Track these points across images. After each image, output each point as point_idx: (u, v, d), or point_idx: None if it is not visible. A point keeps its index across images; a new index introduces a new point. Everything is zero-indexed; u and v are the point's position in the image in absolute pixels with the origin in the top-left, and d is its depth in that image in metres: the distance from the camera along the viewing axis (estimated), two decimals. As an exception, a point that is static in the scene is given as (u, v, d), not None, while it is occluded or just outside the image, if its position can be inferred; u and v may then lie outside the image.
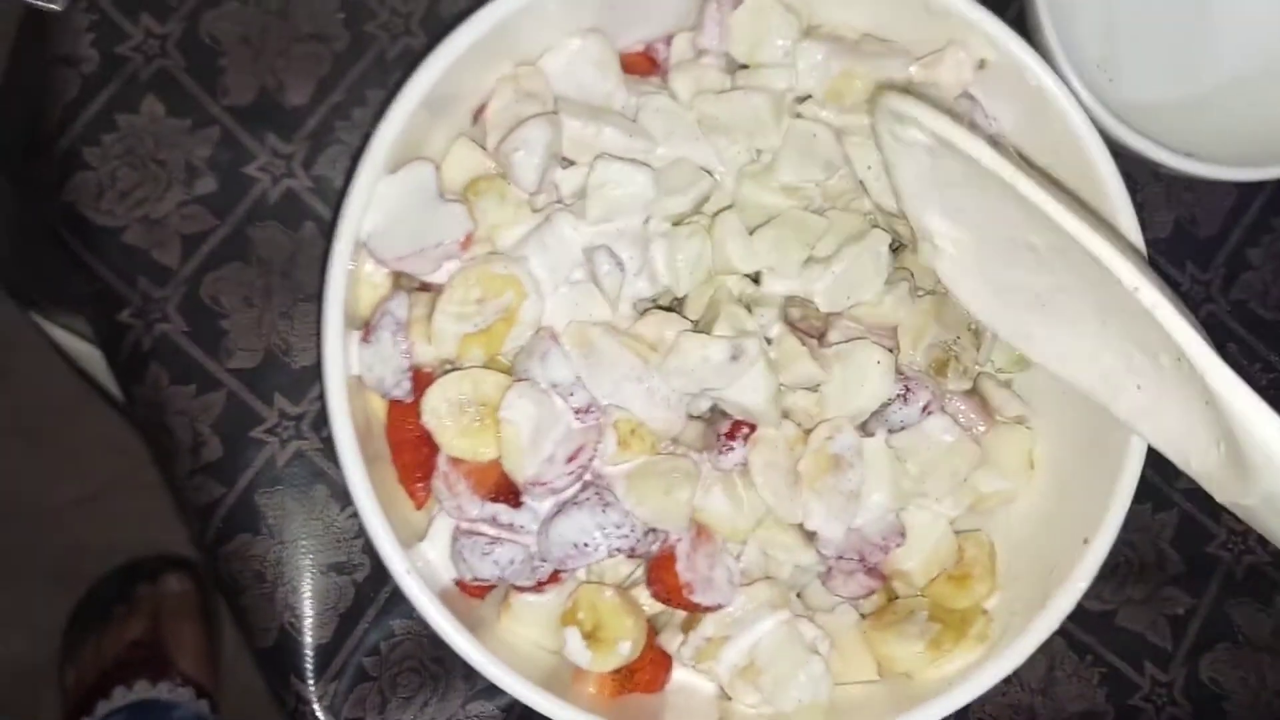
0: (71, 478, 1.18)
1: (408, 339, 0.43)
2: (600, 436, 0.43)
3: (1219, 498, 0.39)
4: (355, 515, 0.51)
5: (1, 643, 1.15)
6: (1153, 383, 0.40)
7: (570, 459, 0.42)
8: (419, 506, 0.45)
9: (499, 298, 0.43)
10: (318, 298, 0.53)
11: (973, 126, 0.47)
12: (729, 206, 0.45)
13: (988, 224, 0.42)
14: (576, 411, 0.42)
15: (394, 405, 0.45)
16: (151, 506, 1.17)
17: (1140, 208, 0.58)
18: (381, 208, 0.43)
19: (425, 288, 0.45)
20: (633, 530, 0.42)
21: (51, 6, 0.50)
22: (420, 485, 0.44)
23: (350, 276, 0.43)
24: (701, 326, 0.44)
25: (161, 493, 1.14)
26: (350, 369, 0.43)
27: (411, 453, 0.44)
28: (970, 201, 0.41)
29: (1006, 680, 0.46)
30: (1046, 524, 0.47)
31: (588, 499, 0.42)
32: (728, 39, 0.46)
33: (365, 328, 0.44)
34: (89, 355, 0.80)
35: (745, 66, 0.47)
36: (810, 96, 0.46)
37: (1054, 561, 0.45)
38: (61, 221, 0.52)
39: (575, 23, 0.46)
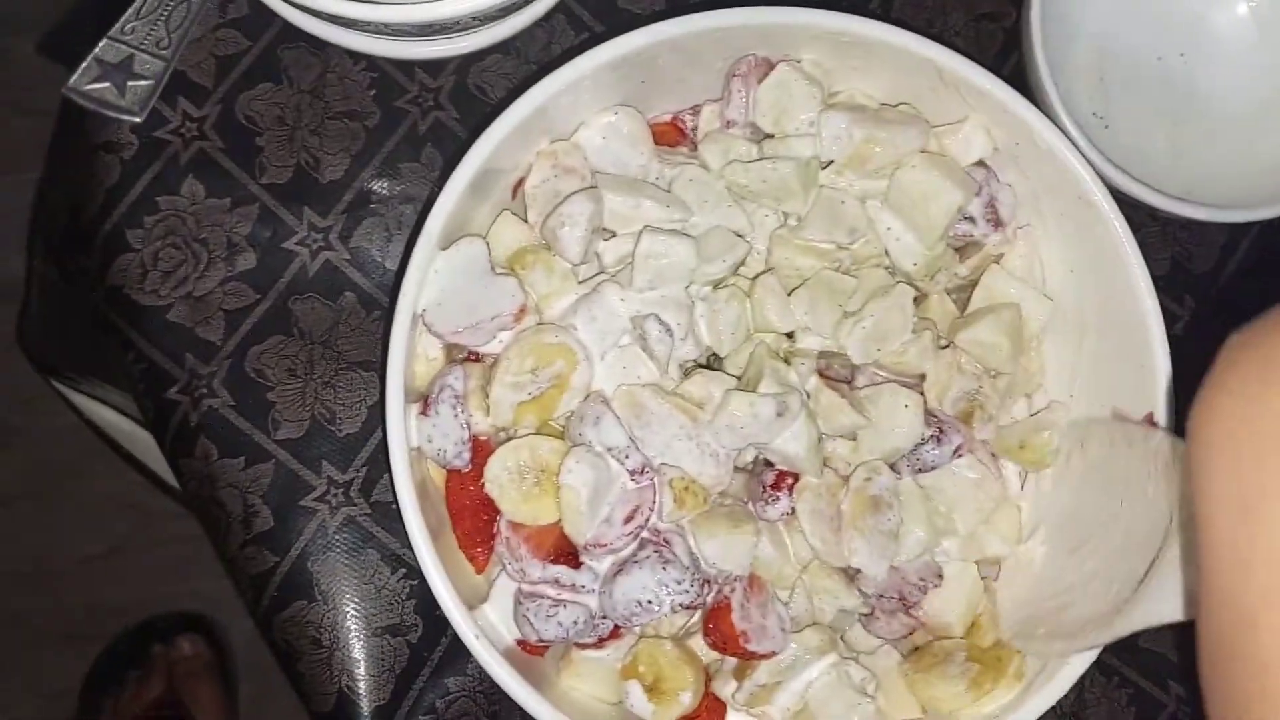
0: (83, 537, 1.18)
1: (466, 410, 0.45)
2: (656, 496, 0.45)
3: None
4: (406, 578, 0.53)
5: (14, 706, 1.15)
6: None
7: (627, 519, 0.44)
8: (479, 571, 0.46)
9: (551, 366, 0.45)
10: (360, 366, 0.55)
11: (988, 196, 0.50)
12: (766, 270, 0.48)
13: None
14: (631, 473, 0.44)
15: (452, 475, 0.46)
16: (162, 563, 1.18)
17: (1140, 246, 0.61)
18: (437, 284, 0.45)
19: (475, 358, 0.47)
20: (693, 585, 0.44)
21: (133, 119, 0.52)
22: (480, 550, 0.46)
23: (407, 352, 0.45)
24: (744, 383, 0.46)
25: (173, 547, 1.15)
26: (410, 442, 0.45)
27: (471, 519, 0.46)
28: None
29: (1040, 707, 0.48)
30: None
31: (648, 557, 0.44)
32: (754, 111, 0.49)
33: (424, 402, 0.45)
34: (109, 419, 0.81)
35: (771, 136, 0.49)
36: (833, 162, 0.49)
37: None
38: (107, 304, 0.54)
39: (607, 98, 0.49)
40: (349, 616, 0.53)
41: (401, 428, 0.44)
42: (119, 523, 1.18)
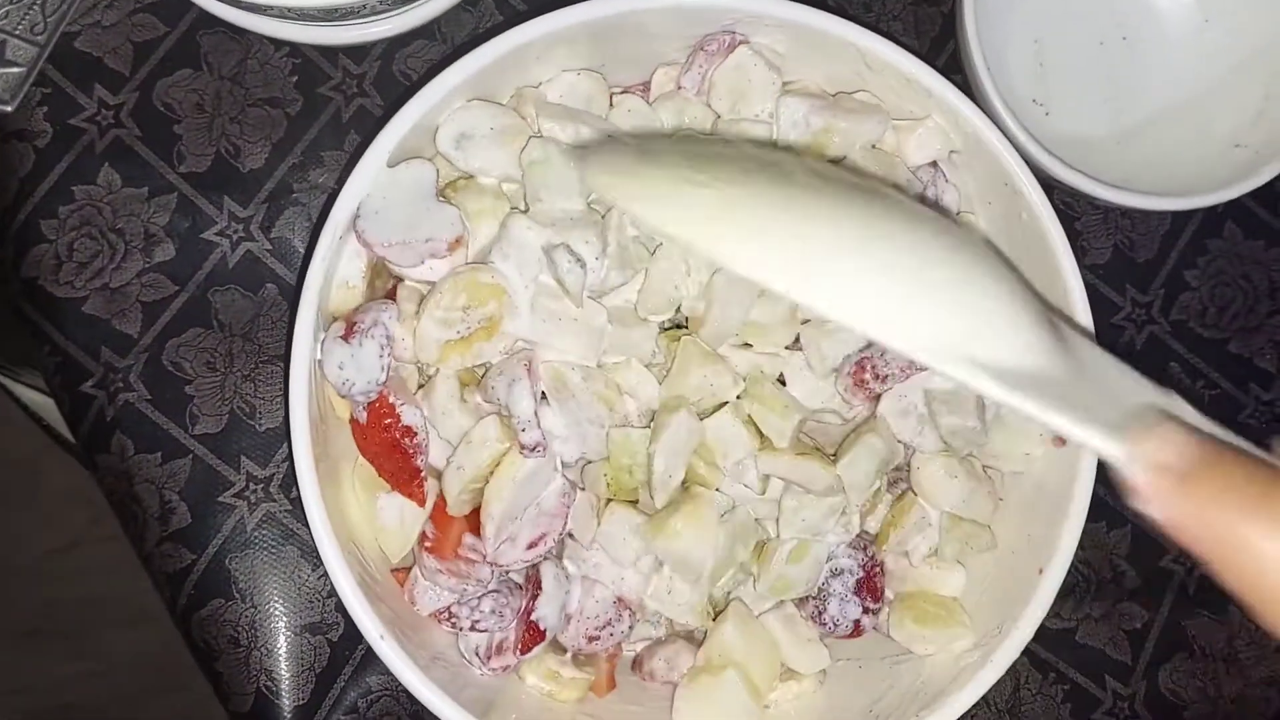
0: (39, 533, 1.17)
1: (390, 353, 0.44)
2: (565, 526, 0.44)
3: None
4: (327, 575, 0.52)
5: (-24, 701, 1.14)
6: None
7: (531, 545, 0.44)
8: (421, 504, 0.45)
9: (483, 306, 0.44)
10: (281, 359, 0.54)
11: (933, 196, 0.49)
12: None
13: None
14: (524, 447, 0.43)
15: (355, 426, 0.45)
16: (121, 556, 1.16)
17: (1079, 235, 0.60)
18: (379, 194, 0.44)
19: (393, 295, 0.46)
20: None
21: (4, 108, 0.51)
22: (415, 483, 0.45)
23: (326, 273, 0.44)
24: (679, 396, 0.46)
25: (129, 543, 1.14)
26: (313, 357, 0.44)
27: (389, 458, 0.45)
28: None
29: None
30: (1003, 556, 0.48)
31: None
32: (711, 92, 0.48)
33: (349, 327, 0.44)
34: (46, 406, 0.80)
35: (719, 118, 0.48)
36: (790, 148, 0.48)
37: (1012, 592, 0.46)
38: (22, 295, 0.53)
39: (522, 81, 0.47)
40: (268, 615, 0.52)
41: (309, 359, 0.43)
42: (76, 516, 1.16)
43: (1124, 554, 0.59)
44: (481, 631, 0.46)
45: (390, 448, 0.45)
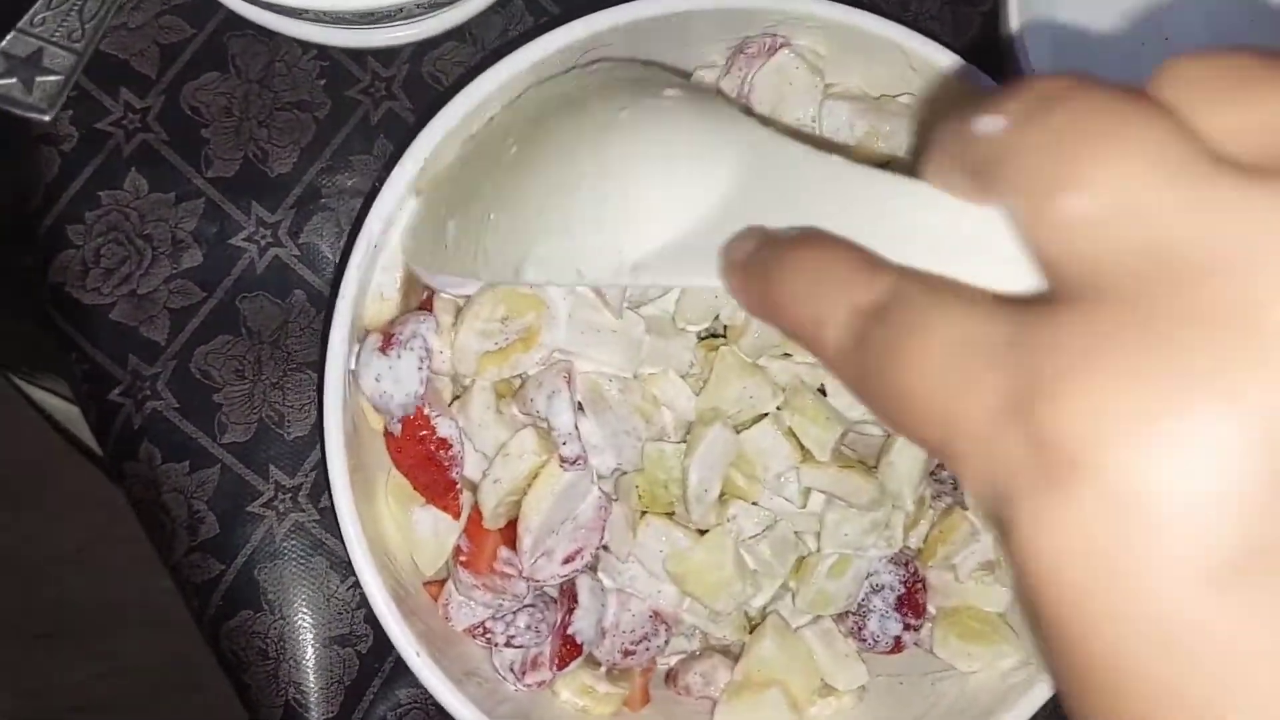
0: (53, 534, 1.17)
1: (428, 367, 0.43)
2: (602, 537, 0.44)
3: None
4: (356, 586, 0.51)
5: (-9, 702, 1.14)
6: None
7: (567, 560, 0.43)
8: (456, 517, 0.45)
9: (522, 317, 0.43)
10: (310, 367, 0.53)
11: None
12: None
13: None
14: (564, 460, 0.42)
15: (389, 440, 0.45)
16: (135, 559, 1.16)
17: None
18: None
19: (428, 305, 0.46)
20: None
21: (42, 117, 0.50)
22: (450, 496, 0.44)
23: (360, 283, 0.43)
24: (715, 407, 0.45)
25: (143, 544, 1.14)
26: (346, 369, 0.43)
27: (425, 471, 0.44)
28: None
29: None
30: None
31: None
32: (751, 95, 0.47)
33: (386, 339, 0.43)
34: (68, 413, 0.80)
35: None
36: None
37: None
38: (49, 302, 0.52)
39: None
40: (297, 627, 0.51)
41: (342, 369, 0.42)
42: (87, 520, 1.16)
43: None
44: (517, 647, 0.45)
45: (425, 460, 0.44)
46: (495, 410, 0.44)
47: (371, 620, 0.51)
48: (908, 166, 0.47)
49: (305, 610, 0.51)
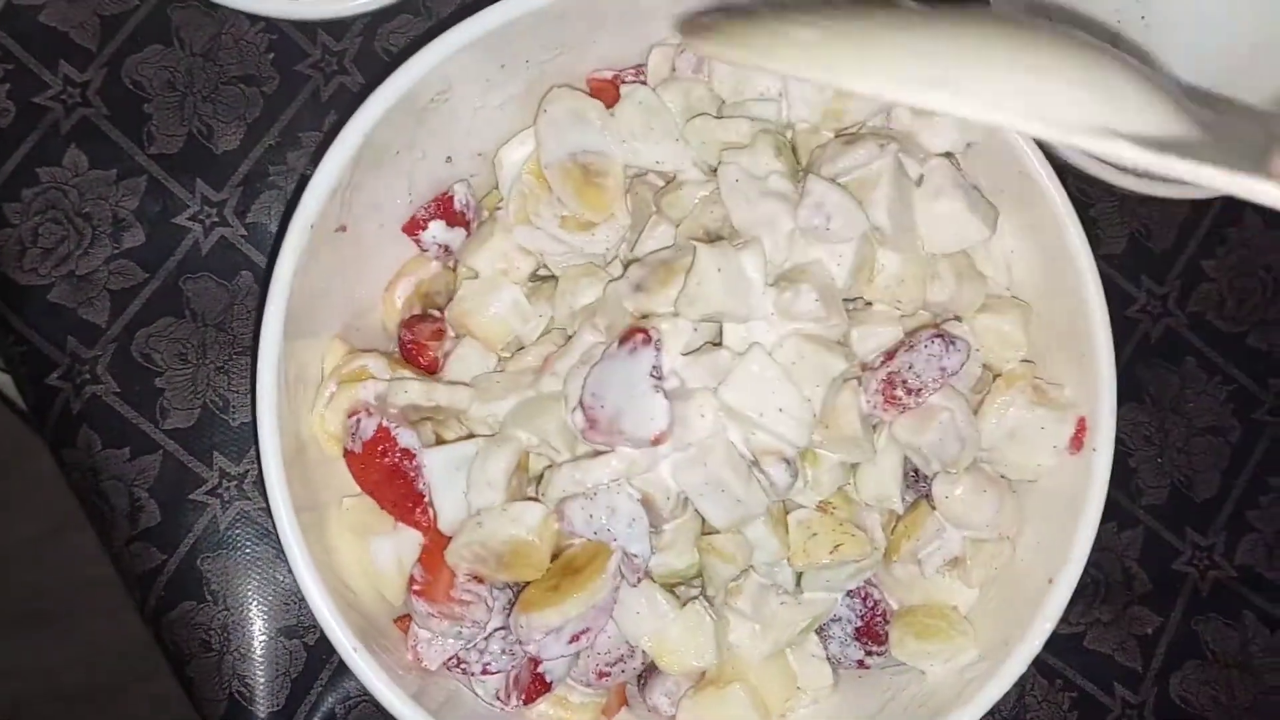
0: (27, 517, 1.15)
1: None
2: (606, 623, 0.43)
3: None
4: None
5: (-36, 688, 1.13)
6: None
7: (574, 639, 0.42)
8: (426, 531, 0.43)
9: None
10: (256, 349, 0.51)
11: None
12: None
13: None
14: (627, 581, 0.42)
15: (350, 458, 0.43)
16: (107, 543, 1.14)
17: (1094, 223, 0.57)
18: None
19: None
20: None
21: None
22: (420, 511, 0.43)
23: (296, 267, 0.41)
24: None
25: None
26: (280, 367, 0.41)
27: (391, 488, 0.42)
28: None
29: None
30: (1012, 565, 0.46)
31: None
32: (712, 75, 0.45)
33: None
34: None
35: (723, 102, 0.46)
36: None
37: (1019, 603, 0.44)
38: (-17, 283, 0.50)
39: (513, 57, 0.45)
40: (242, 618, 0.49)
41: (275, 371, 0.40)
42: (62, 502, 1.14)
43: (1135, 556, 0.56)
44: (494, 673, 0.43)
45: (390, 474, 0.42)
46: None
47: (319, 611, 0.50)
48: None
49: (251, 601, 0.50)
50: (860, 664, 0.47)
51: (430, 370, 0.46)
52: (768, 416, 0.41)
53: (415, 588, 0.42)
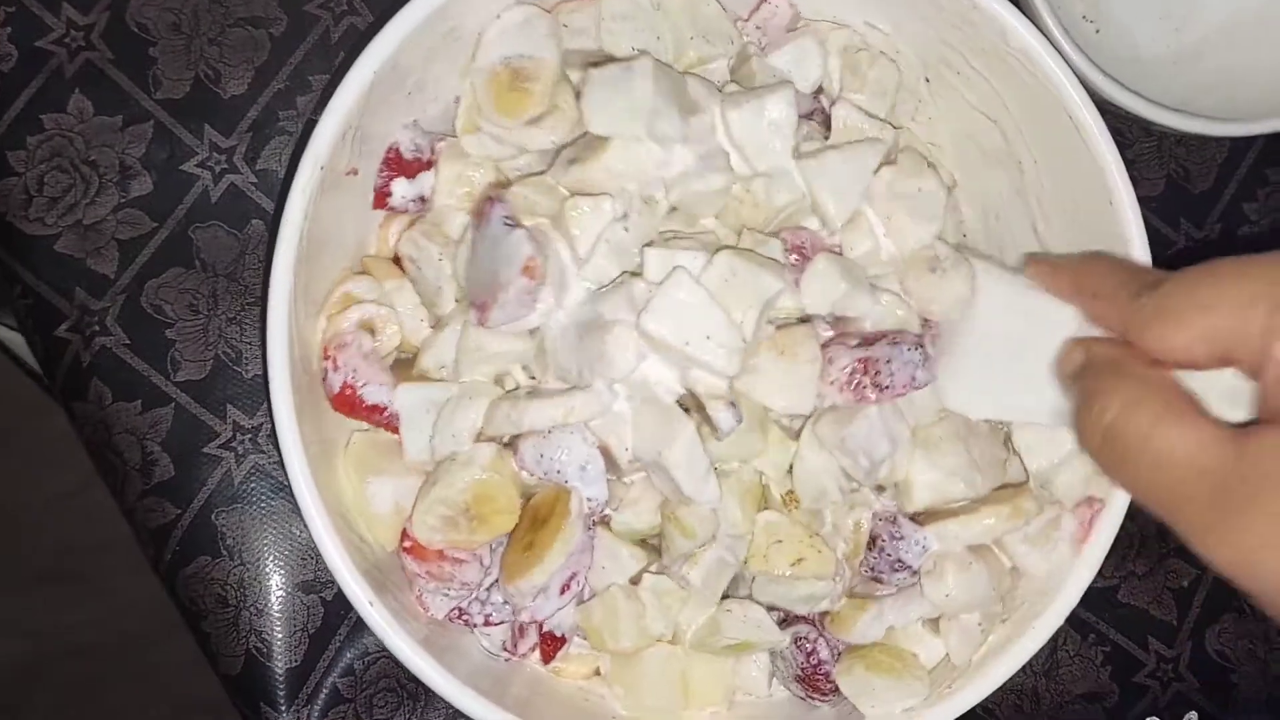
0: (49, 476, 1.15)
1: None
2: (590, 564, 0.41)
3: None
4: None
5: (-5, 643, 1.13)
6: None
7: (564, 589, 0.41)
8: None
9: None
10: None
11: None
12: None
13: None
14: (592, 525, 0.41)
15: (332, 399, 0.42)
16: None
17: (1131, 164, 0.55)
18: None
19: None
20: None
21: None
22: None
23: (306, 209, 0.39)
24: None
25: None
26: (292, 307, 0.39)
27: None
28: None
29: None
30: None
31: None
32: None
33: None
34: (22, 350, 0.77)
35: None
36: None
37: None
38: (-11, 233, 0.49)
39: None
40: (258, 573, 0.49)
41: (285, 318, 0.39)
42: (83, 460, 1.14)
43: (1170, 508, 0.55)
44: (497, 624, 0.42)
45: (368, 419, 0.41)
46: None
47: (336, 566, 0.49)
48: None
49: (267, 556, 0.49)
50: (803, 699, 0.45)
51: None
52: (694, 345, 0.38)
53: (405, 544, 0.41)
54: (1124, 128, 0.55)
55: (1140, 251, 0.42)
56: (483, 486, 0.40)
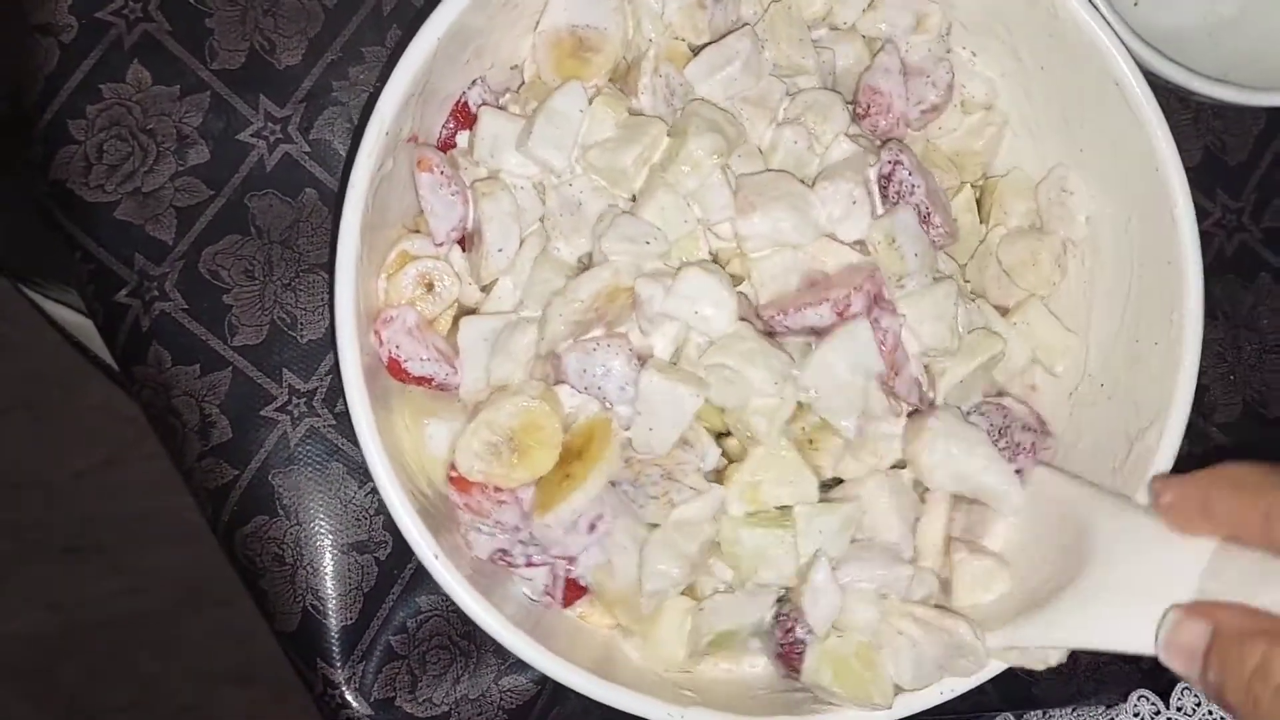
0: (77, 449, 1.17)
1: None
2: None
3: None
4: (374, 492, 0.50)
5: (19, 615, 1.15)
6: None
7: (591, 528, 0.42)
8: None
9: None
10: (322, 268, 0.51)
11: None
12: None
13: None
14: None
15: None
16: (160, 473, 1.16)
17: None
18: None
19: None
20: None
21: None
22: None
23: (372, 175, 0.40)
24: None
25: (168, 459, 1.14)
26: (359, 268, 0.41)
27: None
28: None
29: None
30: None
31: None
32: None
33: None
34: (80, 326, 0.78)
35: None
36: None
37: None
38: (51, 199, 0.50)
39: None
40: (314, 533, 0.50)
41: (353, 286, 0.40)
42: (113, 434, 1.15)
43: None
44: (539, 565, 0.43)
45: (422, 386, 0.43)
46: None
47: (390, 527, 0.50)
48: None
49: (322, 516, 0.50)
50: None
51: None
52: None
53: (451, 474, 0.42)
54: (1160, 98, 0.55)
55: (1185, 214, 0.43)
56: (530, 415, 0.41)
